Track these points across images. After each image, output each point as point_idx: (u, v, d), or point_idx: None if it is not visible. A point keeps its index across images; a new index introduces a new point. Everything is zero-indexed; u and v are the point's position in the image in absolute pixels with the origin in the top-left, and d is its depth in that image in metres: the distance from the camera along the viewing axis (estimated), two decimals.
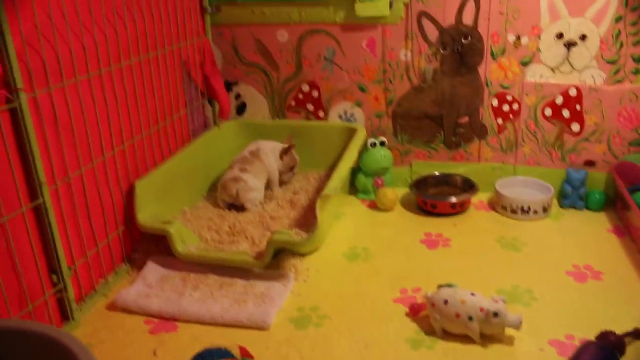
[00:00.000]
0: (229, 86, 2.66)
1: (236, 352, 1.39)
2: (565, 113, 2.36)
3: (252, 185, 2.29)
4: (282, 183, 2.50)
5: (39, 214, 1.61)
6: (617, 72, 2.27)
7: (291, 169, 2.48)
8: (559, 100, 2.34)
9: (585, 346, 1.46)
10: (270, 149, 2.41)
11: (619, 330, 1.57)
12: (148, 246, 2.08)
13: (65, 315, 1.74)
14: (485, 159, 2.51)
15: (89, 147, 1.81)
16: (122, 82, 1.96)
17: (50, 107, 1.64)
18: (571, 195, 2.34)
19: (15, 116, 1.51)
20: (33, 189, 1.58)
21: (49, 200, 1.62)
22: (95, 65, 1.82)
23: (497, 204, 2.35)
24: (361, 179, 2.50)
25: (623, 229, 2.18)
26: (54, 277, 1.68)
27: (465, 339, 1.61)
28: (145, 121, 2.12)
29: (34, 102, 1.57)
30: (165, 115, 2.26)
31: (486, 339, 1.61)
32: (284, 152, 2.43)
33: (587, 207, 2.35)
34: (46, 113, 1.62)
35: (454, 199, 2.30)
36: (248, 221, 2.17)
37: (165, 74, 2.22)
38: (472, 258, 2.03)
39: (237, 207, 2.29)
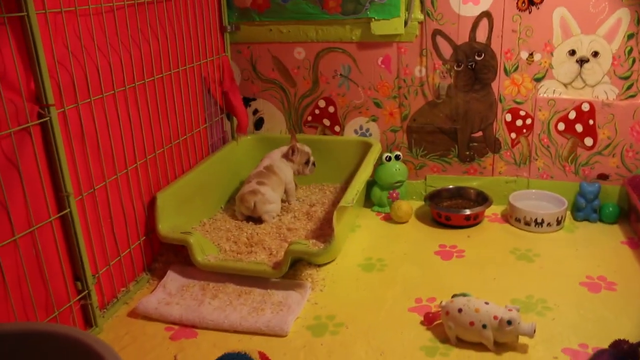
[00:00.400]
0: (247, 102, 2.73)
1: (255, 356, 1.44)
2: (579, 127, 2.39)
3: (270, 198, 2.34)
4: (304, 177, 2.56)
5: (66, 223, 1.68)
6: (629, 87, 2.30)
7: (307, 162, 2.52)
8: (572, 115, 2.38)
9: (599, 354, 1.48)
10: (280, 158, 2.48)
11: (633, 339, 1.59)
12: (168, 256, 2.14)
13: (88, 321, 1.79)
14: (499, 173, 2.55)
15: (113, 160, 1.88)
16: (145, 98, 2.03)
17: (78, 121, 1.71)
18: (585, 208, 2.36)
19: (46, 130, 1.58)
20: (60, 200, 1.65)
21: (75, 211, 1.68)
22: (120, 82, 1.89)
23: (511, 217, 2.38)
24: (376, 192, 2.54)
25: (637, 241, 2.20)
26: (79, 284, 1.74)
27: (479, 346, 1.64)
28: (167, 135, 2.19)
29: (64, 116, 1.64)
30: (186, 130, 2.32)
31: (500, 347, 1.64)
32: (291, 153, 2.48)
33: (601, 220, 2.37)
34: (74, 127, 1.70)
35: (468, 212, 2.33)
36: (265, 233, 2.22)
37: (186, 90, 2.30)
38: (486, 269, 2.06)
39: (255, 219, 2.35)
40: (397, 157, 2.53)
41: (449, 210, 2.38)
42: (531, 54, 2.35)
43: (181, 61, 2.25)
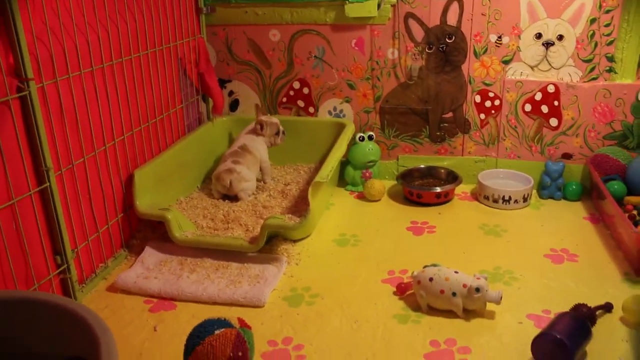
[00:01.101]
0: (222, 83, 2.76)
1: (235, 322, 1.48)
2: (544, 108, 2.48)
3: (245, 176, 2.39)
4: (276, 146, 2.61)
5: (45, 198, 1.70)
6: (592, 70, 2.40)
7: (277, 133, 2.57)
8: (538, 96, 2.47)
9: (560, 316, 1.57)
10: (253, 137, 2.53)
11: (591, 304, 1.68)
12: (145, 233, 2.17)
13: (68, 295, 1.81)
14: (468, 153, 2.63)
15: (91, 136, 1.90)
16: (122, 77, 2.06)
17: (56, 97, 1.73)
18: (550, 187, 2.46)
19: (25, 104, 1.60)
20: (40, 174, 1.67)
21: (54, 185, 1.71)
22: (98, 60, 1.91)
23: (480, 195, 2.46)
24: (350, 171, 2.60)
25: (598, 217, 2.31)
26: (58, 258, 1.77)
27: (449, 314, 1.72)
28: (144, 114, 2.21)
29: (42, 92, 1.66)
30: (162, 110, 2.35)
31: (469, 314, 1.71)
32: (260, 128, 2.54)
33: (565, 197, 2.47)
34: (53, 103, 1.72)
35: (438, 189, 2.41)
36: (242, 210, 2.27)
37: (162, 70, 2.32)
38: (456, 243, 2.14)
39: (231, 197, 2.39)
40: (370, 137, 2.59)
41: (421, 188, 2.45)
42: (499, 37, 2.43)
43: (157, 41, 2.27)
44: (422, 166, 2.64)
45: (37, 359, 1.31)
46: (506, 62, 2.46)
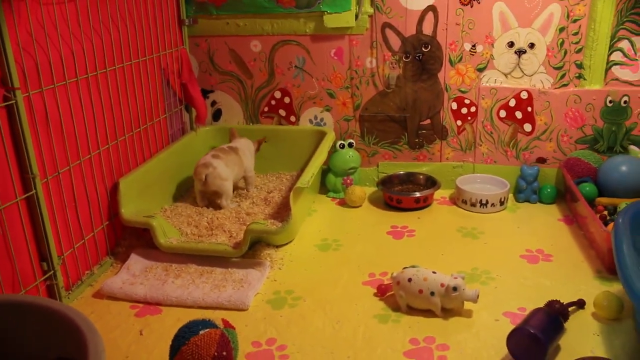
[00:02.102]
0: (205, 94, 2.80)
1: (219, 323, 1.52)
2: (518, 114, 2.56)
3: (222, 173, 2.36)
4: (261, 166, 2.72)
5: (32, 205, 1.73)
6: (562, 77, 2.48)
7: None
8: (512, 102, 2.55)
9: (534, 312, 1.62)
10: (247, 146, 2.57)
11: (564, 301, 1.74)
12: (131, 240, 2.20)
13: None
14: (446, 159, 2.70)
15: (77, 145, 1.94)
16: (106, 87, 2.10)
17: (42, 106, 1.77)
18: (525, 190, 2.54)
19: (12, 113, 1.63)
20: (26, 182, 1.71)
21: (41, 193, 1.74)
22: (83, 70, 1.95)
23: (458, 199, 2.53)
24: (331, 178, 2.66)
25: (572, 218, 2.38)
26: (45, 265, 1.80)
27: (428, 313, 1.77)
28: (128, 124, 2.25)
29: (28, 101, 1.70)
30: (146, 119, 2.39)
31: (447, 313, 1.77)
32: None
33: (540, 201, 2.54)
34: (39, 112, 1.75)
35: (417, 194, 2.47)
36: (225, 217, 2.31)
37: (146, 80, 2.36)
38: (435, 246, 2.20)
39: (215, 205, 2.42)
40: (350, 145, 2.65)
41: (400, 194, 2.51)
42: (474, 46, 2.51)
43: (141, 52, 2.32)
44: (402, 172, 2.70)
45: (27, 358, 1.34)
46: (480, 70, 2.54)
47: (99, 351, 1.18)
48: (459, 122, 2.64)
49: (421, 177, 2.67)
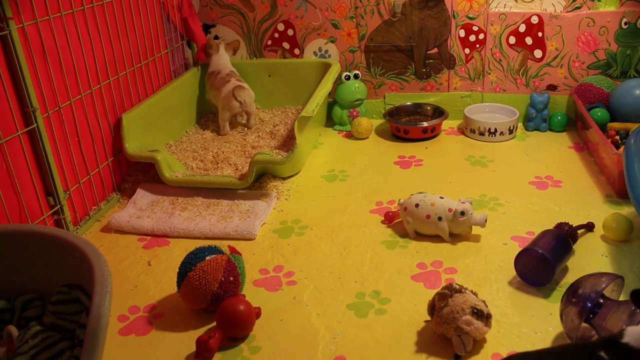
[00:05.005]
0: (206, 28, 2.74)
1: (225, 249, 1.52)
2: (528, 40, 2.48)
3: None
4: (266, 101, 2.76)
5: (34, 139, 1.72)
6: None
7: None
8: (522, 28, 2.47)
9: (543, 234, 1.61)
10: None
11: (573, 224, 1.73)
12: (136, 176, 2.19)
13: None
14: (454, 88, 2.64)
15: (76, 79, 1.91)
16: (104, 19, 2.05)
17: (38, 38, 1.73)
18: (535, 118, 2.49)
19: (6, 44, 1.60)
20: (27, 116, 1.69)
21: (42, 126, 1.72)
22: (78, 2, 1.90)
23: (467, 128, 2.48)
24: (337, 111, 2.62)
25: (582, 145, 2.34)
26: (51, 199, 1.80)
27: (436, 239, 1.77)
28: (128, 59, 2.21)
29: (23, 32, 1.66)
30: (147, 55, 2.34)
31: (455, 238, 1.76)
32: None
33: (550, 129, 2.50)
34: (35, 44, 1.71)
35: (425, 124, 2.43)
36: (231, 151, 2.29)
37: (145, 14, 2.30)
38: (443, 174, 2.17)
39: (219, 139, 2.40)
40: (355, 76, 2.59)
41: (407, 124, 2.47)
42: None
43: None
44: (409, 103, 2.65)
45: (34, 287, 1.35)
46: None
47: (105, 275, 1.18)
48: (467, 50, 2.57)
49: (429, 107, 2.62)
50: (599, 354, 0.95)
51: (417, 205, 1.76)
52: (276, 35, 2.70)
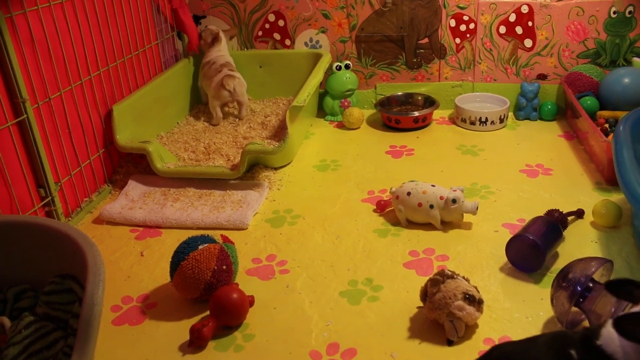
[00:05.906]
0: (197, 19, 2.73)
1: (218, 239, 1.53)
2: (519, 30, 2.49)
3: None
4: (257, 92, 2.77)
5: (24, 130, 1.71)
6: None
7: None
8: (512, 17, 2.48)
9: (534, 220, 1.62)
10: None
11: (564, 210, 1.74)
12: (128, 168, 2.19)
13: None
14: (445, 78, 2.65)
15: (66, 70, 1.90)
16: (94, 10, 2.03)
17: (27, 29, 1.72)
18: (525, 107, 2.50)
19: None
20: (16, 107, 1.68)
21: (32, 117, 1.71)
22: None
23: (457, 118, 2.49)
24: (328, 101, 2.62)
25: (572, 134, 2.36)
26: (42, 191, 1.79)
27: (428, 227, 1.78)
28: (119, 50, 2.20)
29: (11, 22, 1.65)
30: (138, 45, 2.33)
31: (447, 226, 1.77)
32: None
33: (541, 118, 2.51)
34: (23, 35, 1.70)
35: (416, 113, 2.44)
36: (222, 142, 2.29)
37: (135, 4, 2.29)
38: (434, 163, 2.18)
39: (212, 130, 2.40)
40: (347, 66, 2.59)
41: (399, 114, 2.48)
42: None
43: None
44: (400, 93, 2.65)
45: (26, 278, 1.35)
46: None
47: (98, 264, 1.18)
48: (458, 40, 2.57)
49: (419, 97, 2.63)
50: (569, 352, 0.95)
51: (408, 194, 1.76)
52: (267, 26, 2.70)
